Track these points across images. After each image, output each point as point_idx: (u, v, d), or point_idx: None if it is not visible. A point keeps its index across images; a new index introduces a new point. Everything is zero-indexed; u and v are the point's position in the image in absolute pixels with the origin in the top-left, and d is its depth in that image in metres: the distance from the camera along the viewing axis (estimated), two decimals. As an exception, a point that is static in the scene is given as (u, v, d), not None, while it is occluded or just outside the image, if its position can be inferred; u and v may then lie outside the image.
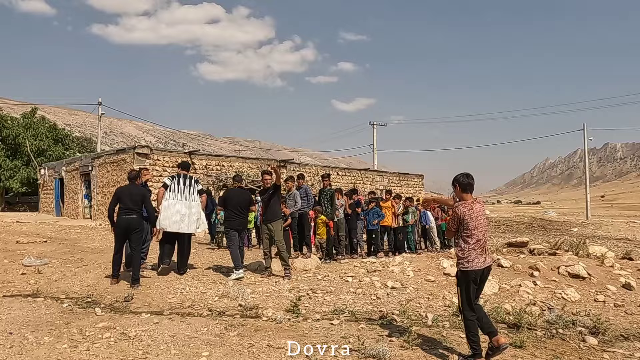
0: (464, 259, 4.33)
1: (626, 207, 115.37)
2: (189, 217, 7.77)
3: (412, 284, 7.19)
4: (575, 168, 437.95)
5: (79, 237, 14.82)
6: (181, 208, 7.77)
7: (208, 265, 8.93)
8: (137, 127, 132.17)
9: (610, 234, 25.01)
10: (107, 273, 7.88)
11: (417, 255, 9.92)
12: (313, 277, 7.89)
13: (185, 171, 8.13)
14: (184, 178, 7.95)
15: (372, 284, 7.22)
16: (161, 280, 7.34)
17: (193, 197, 7.90)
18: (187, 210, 7.77)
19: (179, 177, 7.94)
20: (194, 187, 7.98)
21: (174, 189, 7.83)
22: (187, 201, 7.82)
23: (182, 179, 7.93)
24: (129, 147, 18.68)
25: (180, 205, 7.78)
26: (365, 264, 9.05)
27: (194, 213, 7.85)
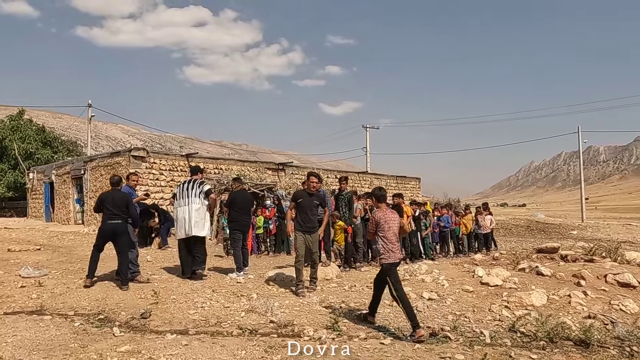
0: (385, 254, 5.29)
1: (610, 209, 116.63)
2: (188, 220, 7.66)
3: (450, 294, 6.68)
4: (560, 171, 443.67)
5: (74, 244, 14.08)
6: (184, 212, 7.71)
7: (221, 274, 8.34)
8: (123, 130, 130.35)
9: (611, 237, 24.81)
10: (114, 284, 7.27)
11: (443, 263, 9.43)
12: (339, 287, 7.35)
13: (193, 175, 8.02)
14: (187, 183, 7.87)
15: (407, 295, 6.69)
16: (177, 293, 6.73)
17: (194, 199, 7.69)
18: (187, 213, 7.67)
19: (184, 183, 7.93)
20: (195, 190, 7.77)
21: (179, 194, 7.86)
22: (186, 205, 7.70)
23: (186, 184, 7.86)
24: (124, 150, 17.95)
25: (182, 210, 7.74)
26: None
27: (194, 215, 7.65)
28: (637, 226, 32.25)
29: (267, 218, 11.69)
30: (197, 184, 7.82)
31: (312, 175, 7.39)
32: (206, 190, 7.77)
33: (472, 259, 9.53)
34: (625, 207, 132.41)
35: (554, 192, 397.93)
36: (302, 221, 7.07)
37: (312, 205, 7.25)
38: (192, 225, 7.64)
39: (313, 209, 7.24)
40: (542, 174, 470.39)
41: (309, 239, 7.04)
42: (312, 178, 7.31)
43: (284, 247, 11.85)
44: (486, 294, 6.63)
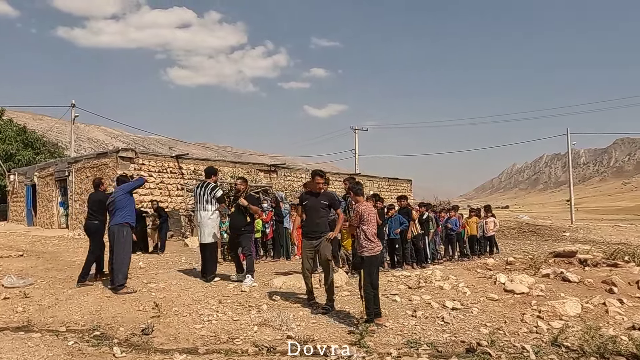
0: (367, 246, 5.41)
1: (591, 210, 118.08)
2: (201, 226, 7.64)
3: (474, 303, 6.22)
4: (541, 173, 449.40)
5: (58, 249, 13.37)
6: (197, 218, 7.72)
7: (222, 282, 7.78)
8: (106, 132, 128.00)
9: (604, 239, 24.73)
10: (108, 294, 6.66)
11: (456, 268, 8.99)
12: (352, 296, 6.84)
13: (207, 177, 7.77)
14: (200, 186, 7.70)
15: (428, 304, 6.22)
16: (178, 304, 6.15)
17: (206, 205, 7.54)
18: (199, 219, 7.64)
19: (197, 186, 7.78)
20: (207, 196, 7.52)
21: (195, 198, 7.77)
22: (199, 210, 7.62)
23: (199, 188, 7.70)
24: (111, 151, 17.23)
25: (196, 215, 7.75)
26: (400, 279, 8.08)
27: (205, 223, 7.56)
28: (626, 227, 32.38)
29: (264, 222, 11.14)
30: (208, 189, 7.52)
31: (317, 175, 6.63)
32: (218, 197, 7.55)
33: (484, 264, 9.13)
34: (606, 208, 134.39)
35: (535, 194, 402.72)
36: (307, 225, 6.44)
37: (320, 206, 6.62)
38: (204, 233, 7.58)
39: (320, 211, 6.62)
40: (524, 176, 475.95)
41: (315, 245, 6.32)
42: (317, 178, 6.56)
43: (283, 251, 11.30)
44: (513, 303, 6.19)
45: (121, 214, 6.94)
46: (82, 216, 17.78)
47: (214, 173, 7.79)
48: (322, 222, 6.36)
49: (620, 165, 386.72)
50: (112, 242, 6.91)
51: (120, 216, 6.93)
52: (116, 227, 6.88)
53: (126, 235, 6.92)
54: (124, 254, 6.89)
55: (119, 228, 6.87)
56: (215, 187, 7.60)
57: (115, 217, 6.96)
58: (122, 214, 6.94)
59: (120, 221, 6.89)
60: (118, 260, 6.79)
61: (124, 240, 6.88)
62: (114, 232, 6.89)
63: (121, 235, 6.86)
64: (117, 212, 6.96)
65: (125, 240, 6.90)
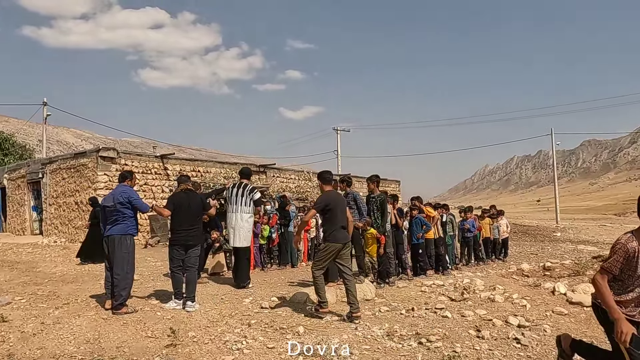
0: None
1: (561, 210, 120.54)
2: (236, 229, 7.23)
3: (541, 319, 5.38)
4: (512, 174, 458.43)
5: (34, 258, 12.04)
6: (231, 220, 7.27)
7: (233, 297, 6.76)
8: (76, 134, 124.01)
9: (596, 239, 24.47)
10: (104, 315, 5.57)
11: (491, 275, 8.17)
12: (392, 311, 5.91)
13: (243, 178, 7.48)
14: (237, 187, 7.32)
15: (488, 321, 5.34)
16: (194, 327, 5.11)
17: (243, 207, 7.23)
18: (235, 222, 7.22)
19: (233, 187, 7.37)
20: (245, 197, 7.24)
21: (228, 199, 7.35)
22: (234, 212, 7.23)
23: (236, 188, 7.31)
24: (90, 150, 15.87)
25: (230, 217, 7.28)
26: (433, 288, 7.20)
27: (242, 226, 7.24)
28: (612, 227, 32.45)
29: (270, 226, 10.11)
30: (247, 191, 7.27)
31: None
32: (256, 200, 7.29)
33: (519, 270, 8.33)
34: (574, 208, 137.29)
35: (507, 194, 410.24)
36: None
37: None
38: (239, 236, 7.23)
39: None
40: (496, 177, 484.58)
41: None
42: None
43: (288, 258, 10.30)
44: (586, 318, 5.37)
45: (124, 222, 5.90)
46: (57, 221, 16.38)
47: (251, 174, 7.72)
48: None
49: (587, 166, 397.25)
50: (113, 253, 5.86)
51: (124, 225, 5.89)
52: (117, 237, 5.84)
53: (129, 245, 5.92)
54: (128, 268, 5.89)
55: (120, 238, 5.85)
56: (253, 188, 7.37)
57: (117, 224, 5.89)
58: (125, 223, 5.90)
59: (124, 231, 5.88)
60: (121, 275, 5.77)
61: (127, 251, 5.88)
62: (115, 242, 5.84)
63: (124, 246, 5.85)
64: (119, 220, 5.89)
65: (129, 251, 5.91)
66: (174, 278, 6.10)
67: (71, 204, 15.57)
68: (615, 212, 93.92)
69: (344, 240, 5.65)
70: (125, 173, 6.39)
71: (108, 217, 5.98)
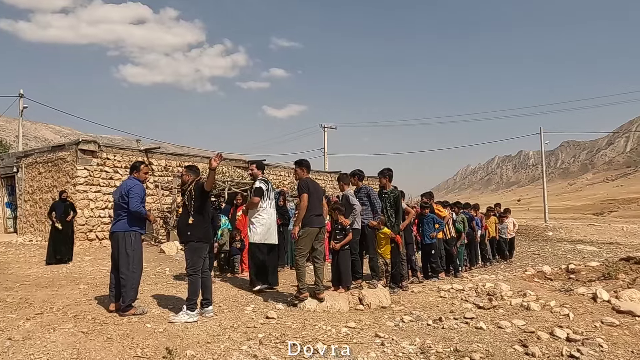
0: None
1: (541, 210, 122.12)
2: (273, 225, 7.02)
3: (590, 331, 4.71)
4: (493, 174, 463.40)
5: (6, 259, 11.10)
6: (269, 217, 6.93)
7: (234, 305, 5.99)
8: (54, 131, 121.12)
9: (590, 239, 24.22)
10: (85, 328, 4.75)
11: (512, 278, 7.53)
12: (417, 322, 5.20)
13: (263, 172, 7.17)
14: (268, 183, 7.04)
15: (530, 333, 4.66)
16: (192, 343, 4.33)
17: (273, 203, 7.15)
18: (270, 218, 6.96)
19: (267, 182, 7.01)
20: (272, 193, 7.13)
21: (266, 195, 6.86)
22: (269, 207, 6.95)
23: (268, 184, 7.01)
24: (69, 143, 14.84)
25: (269, 212, 6.92)
26: (454, 294, 6.53)
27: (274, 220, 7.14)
28: (600, 226, 32.36)
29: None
30: (271, 186, 7.14)
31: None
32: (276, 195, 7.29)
33: (541, 272, 7.71)
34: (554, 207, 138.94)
35: (488, 194, 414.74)
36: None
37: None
38: (274, 233, 6.97)
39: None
40: (477, 177, 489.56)
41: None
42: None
43: (287, 258, 9.53)
44: (641, 330, 4.72)
45: (130, 217, 5.42)
46: (33, 218, 15.34)
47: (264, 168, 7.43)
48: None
49: (566, 166, 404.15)
50: (117, 251, 5.40)
51: (130, 220, 5.43)
52: (121, 234, 5.40)
53: (134, 242, 5.42)
54: (134, 266, 5.40)
55: (124, 235, 5.39)
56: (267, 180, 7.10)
57: (121, 220, 5.44)
58: (131, 217, 5.42)
59: (128, 227, 5.42)
60: (127, 274, 5.33)
61: (133, 248, 5.40)
62: (118, 239, 5.39)
63: (129, 242, 5.39)
64: (123, 215, 5.43)
65: (134, 248, 5.42)
66: (194, 284, 5.21)
67: (48, 201, 14.54)
68: (594, 212, 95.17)
69: (320, 224, 6.01)
70: (136, 163, 5.78)
71: (114, 212, 5.59)
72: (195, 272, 5.22)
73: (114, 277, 5.50)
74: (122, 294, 5.32)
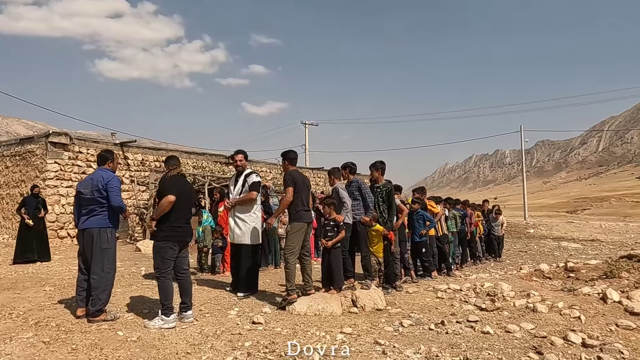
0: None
1: (517, 207, 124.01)
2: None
3: (606, 335, 4.35)
4: (471, 172, 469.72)
5: (-32, 259, 10.31)
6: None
7: (216, 309, 5.48)
8: (27, 126, 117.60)
9: (571, 235, 24.31)
10: (47, 337, 4.20)
11: (509, 277, 7.18)
12: (417, 326, 4.77)
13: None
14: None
15: (543, 338, 4.28)
16: (171, 351, 3.83)
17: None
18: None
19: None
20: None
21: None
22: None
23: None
24: (38, 135, 14.04)
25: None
26: (452, 294, 6.15)
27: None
28: (579, 223, 32.69)
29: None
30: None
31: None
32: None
33: (539, 271, 7.38)
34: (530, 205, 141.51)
35: (466, 192, 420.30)
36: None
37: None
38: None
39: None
40: (455, 175, 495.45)
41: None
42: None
43: (272, 258, 9.03)
44: (660, 333, 4.37)
45: (103, 213, 4.90)
46: (0, 215, 14.49)
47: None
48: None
49: (541, 165, 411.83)
50: (90, 249, 4.86)
51: (103, 217, 4.90)
52: (95, 231, 4.86)
53: (110, 239, 4.94)
54: (109, 266, 4.90)
55: (99, 232, 4.87)
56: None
57: (94, 216, 4.90)
58: (105, 214, 4.90)
59: (103, 224, 4.89)
60: (100, 275, 4.80)
61: (108, 246, 4.90)
62: (93, 236, 4.85)
63: (104, 240, 4.89)
64: (97, 210, 4.90)
65: (110, 246, 4.93)
66: (164, 286, 4.70)
67: (16, 196, 13.75)
68: (568, 210, 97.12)
69: (309, 219, 5.68)
70: (106, 154, 5.22)
71: (83, 207, 4.93)
72: (162, 274, 4.70)
73: (83, 279, 4.96)
74: (92, 297, 4.76)
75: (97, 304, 4.72)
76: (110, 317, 4.79)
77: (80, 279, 4.96)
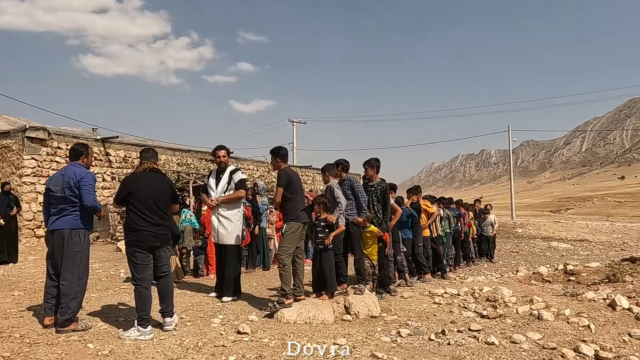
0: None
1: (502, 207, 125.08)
2: None
3: (619, 346, 4.05)
4: (457, 172, 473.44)
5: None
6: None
7: (198, 316, 5.09)
8: (9, 122, 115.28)
9: (559, 235, 24.29)
10: (7, 351, 3.77)
11: (509, 280, 6.88)
12: (416, 337, 4.42)
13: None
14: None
15: (552, 350, 3.96)
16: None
17: None
18: None
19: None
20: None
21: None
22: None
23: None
24: (15, 130, 13.46)
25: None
26: (449, 299, 5.83)
27: None
28: (565, 223, 32.81)
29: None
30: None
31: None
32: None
33: (538, 274, 7.11)
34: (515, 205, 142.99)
35: (452, 191, 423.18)
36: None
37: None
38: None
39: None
40: (441, 174, 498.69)
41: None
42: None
43: (260, 259, 8.64)
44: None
45: (81, 212, 4.46)
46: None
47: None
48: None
49: (526, 165, 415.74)
50: (61, 251, 4.40)
51: (75, 217, 4.45)
52: (67, 232, 4.41)
53: (83, 242, 4.48)
54: (81, 271, 4.44)
55: (71, 233, 4.42)
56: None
57: (66, 216, 4.45)
58: (82, 213, 4.46)
59: (75, 224, 4.44)
60: (70, 280, 4.35)
61: (81, 249, 4.45)
62: (64, 237, 4.40)
63: (77, 242, 4.43)
64: (69, 210, 4.44)
65: (83, 249, 4.47)
66: (140, 295, 4.28)
67: (-10, 194, 13.15)
68: (552, 209, 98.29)
69: (305, 219, 5.42)
70: (79, 147, 4.73)
71: (53, 206, 4.47)
72: (138, 282, 4.29)
73: (52, 285, 4.52)
74: (62, 305, 4.32)
75: (67, 312, 4.29)
76: (81, 327, 4.37)
77: (49, 285, 4.52)
